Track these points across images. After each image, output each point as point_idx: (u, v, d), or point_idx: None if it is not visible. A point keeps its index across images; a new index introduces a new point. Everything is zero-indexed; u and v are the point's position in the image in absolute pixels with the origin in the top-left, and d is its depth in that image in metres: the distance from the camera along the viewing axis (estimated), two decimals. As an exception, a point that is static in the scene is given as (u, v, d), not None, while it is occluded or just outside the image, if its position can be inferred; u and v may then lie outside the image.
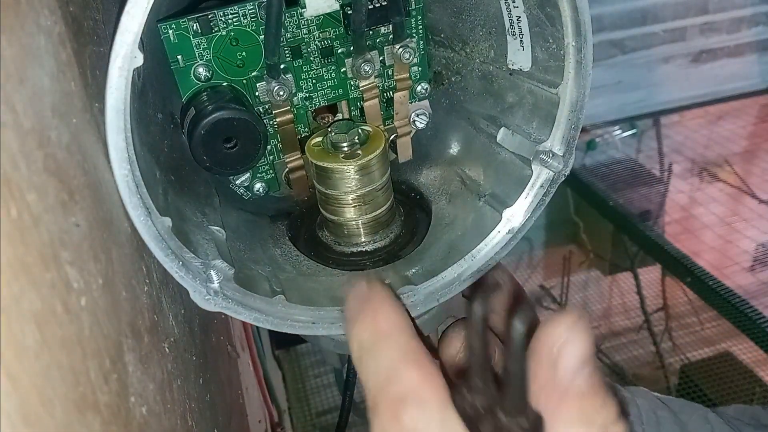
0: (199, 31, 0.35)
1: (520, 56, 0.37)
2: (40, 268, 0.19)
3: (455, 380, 0.25)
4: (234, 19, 0.36)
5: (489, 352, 0.24)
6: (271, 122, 0.39)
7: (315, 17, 0.37)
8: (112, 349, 0.23)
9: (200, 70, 0.36)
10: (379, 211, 0.39)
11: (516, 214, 0.37)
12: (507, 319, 0.24)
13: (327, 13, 0.38)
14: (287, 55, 0.38)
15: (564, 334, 0.22)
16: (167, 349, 0.31)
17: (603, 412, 0.23)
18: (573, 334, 0.22)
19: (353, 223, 0.39)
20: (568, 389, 0.22)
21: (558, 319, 0.23)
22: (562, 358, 0.22)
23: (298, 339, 0.41)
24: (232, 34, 0.36)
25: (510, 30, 0.37)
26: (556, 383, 0.22)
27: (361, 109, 0.41)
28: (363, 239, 0.39)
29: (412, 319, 0.27)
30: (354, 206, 0.38)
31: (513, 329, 0.22)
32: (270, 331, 0.94)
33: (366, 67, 0.39)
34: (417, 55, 0.41)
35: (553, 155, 0.36)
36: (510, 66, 0.38)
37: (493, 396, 0.23)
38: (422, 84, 0.43)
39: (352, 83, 0.41)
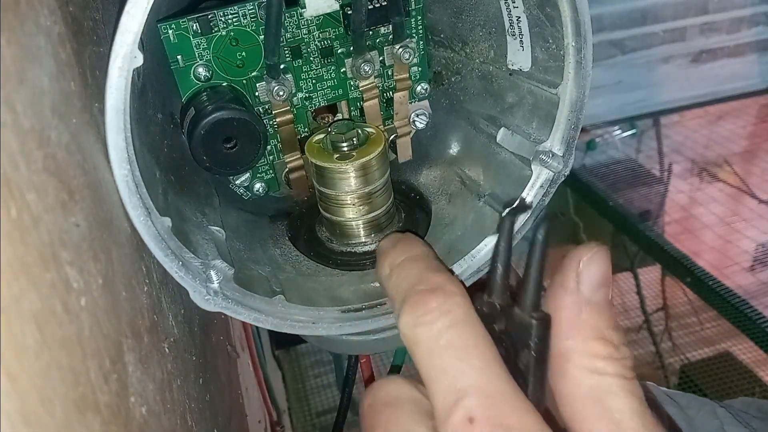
0: (199, 31, 0.35)
1: (519, 56, 0.37)
2: (40, 268, 0.19)
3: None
4: (234, 19, 0.36)
5: (510, 261, 0.26)
6: (271, 122, 0.39)
7: (315, 17, 0.37)
8: (112, 349, 0.23)
9: (200, 70, 0.36)
10: (379, 211, 0.39)
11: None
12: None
13: (327, 13, 0.38)
14: (287, 55, 0.38)
15: (589, 253, 0.25)
16: (167, 349, 0.31)
17: (615, 333, 0.24)
18: (597, 254, 0.25)
19: (353, 223, 0.39)
20: (588, 302, 0.25)
21: (584, 245, 0.26)
22: (585, 271, 0.25)
23: (298, 339, 0.41)
24: (232, 34, 0.36)
25: (510, 30, 0.37)
26: (578, 296, 0.25)
27: (361, 109, 0.41)
28: (363, 239, 0.39)
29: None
30: (354, 206, 0.38)
31: (536, 233, 0.24)
32: (270, 331, 0.95)
33: (366, 67, 0.39)
34: (417, 55, 0.41)
35: (552, 155, 0.36)
36: (510, 66, 0.38)
37: (509, 298, 0.25)
38: (422, 84, 0.43)
39: (351, 83, 0.41)
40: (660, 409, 0.42)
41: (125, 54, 0.25)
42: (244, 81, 0.38)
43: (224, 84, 0.37)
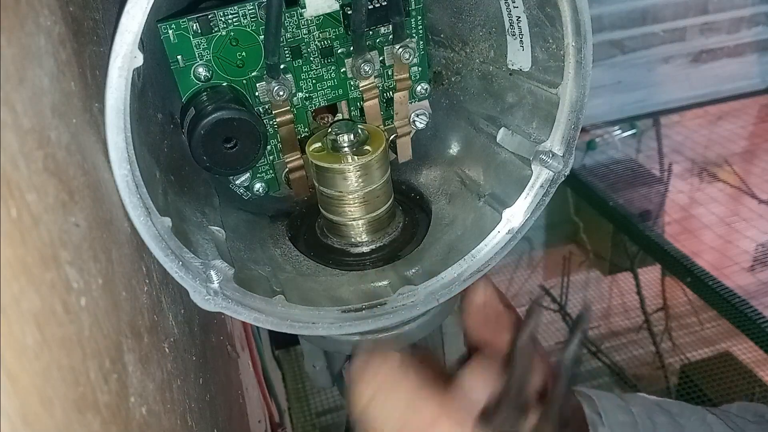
0: (199, 31, 0.35)
1: (520, 56, 0.37)
2: (40, 268, 0.19)
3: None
4: (234, 19, 0.36)
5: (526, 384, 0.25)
6: (271, 122, 0.39)
7: (315, 17, 0.37)
8: (112, 349, 0.23)
9: (200, 70, 0.36)
10: (379, 211, 0.39)
11: (516, 215, 0.37)
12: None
13: (327, 13, 0.38)
14: (287, 55, 0.38)
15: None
16: (167, 349, 0.31)
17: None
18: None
19: (353, 223, 0.39)
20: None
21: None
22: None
23: (298, 339, 0.41)
24: (232, 34, 0.36)
25: (510, 30, 0.37)
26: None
27: (361, 109, 0.41)
28: (363, 239, 0.39)
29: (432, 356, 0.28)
30: (354, 206, 0.38)
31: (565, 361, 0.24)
32: (270, 331, 0.94)
33: (366, 67, 0.39)
34: (417, 55, 0.41)
35: (552, 155, 0.36)
36: (510, 66, 0.38)
37: (520, 422, 0.24)
38: (422, 84, 0.43)
39: (351, 83, 0.41)
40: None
41: (125, 54, 0.25)
42: (244, 81, 0.37)
43: (224, 84, 0.37)
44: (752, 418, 0.45)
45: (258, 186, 0.42)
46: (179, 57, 0.35)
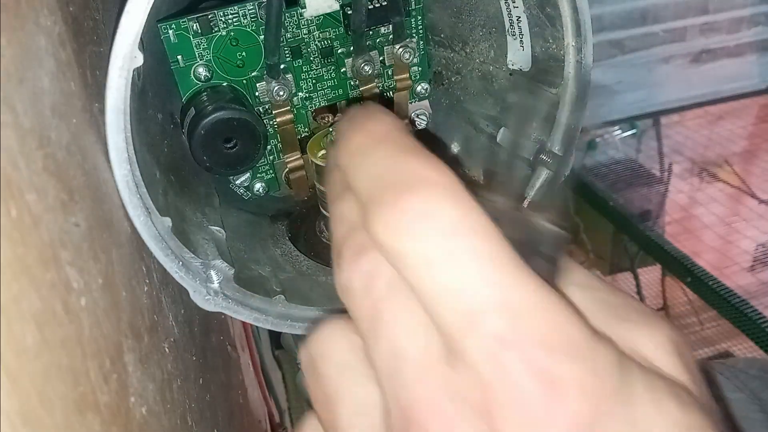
0: (199, 31, 0.35)
1: (520, 56, 0.37)
2: (40, 268, 0.19)
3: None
4: (234, 19, 0.36)
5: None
6: (271, 122, 0.39)
7: (315, 17, 0.37)
8: (112, 349, 0.23)
9: (200, 70, 0.36)
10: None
11: (516, 214, 0.37)
12: None
13: (327, 13, 0.38)
14: (287, 55, 0.38)
15: None
16: (167, 350, 0.31)
17: None
18: None
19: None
20: None
21: None
22: None
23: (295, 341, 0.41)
24: (232, 34, 0.36)
25: (510, 30, 0.37)
26: None
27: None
28: (363, 239, 0.39)
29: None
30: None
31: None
32: (270, 331, 0.94)
33: (366, 68, 0.39)
34: (417, 55, 0.41)
35: (553, 155, 0.36)
36: (510, 66, 0.38)
37: (516, 198, 0.21)
38: (422, 84, 0.43)
39: (351, 83, 0.41)
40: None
41: (125, 54, 0.25)
42: (244, 81, 0.37)
43: (224, 84, 0.37)
44: (756, 373, 0.45)
45: (258, 186, 0.42)
46: (179, 57, 0.35)
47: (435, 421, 0.18)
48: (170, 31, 0.34)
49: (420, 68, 0.42)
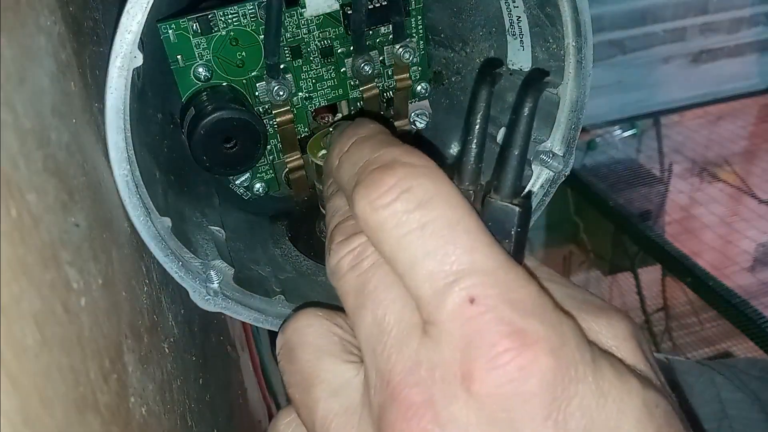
0: (199, 31, 0.35)
1: (520, 56, 0.37)
2: (40, 268, 0.19)
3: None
4: (234, 19, 0.35)
5: (485, 140, 0.23)
6: (271, 122, 0.39)
7: (315, 17, 0.37)
8: (112, 349, 0.23)
9: (200, 70, 0.36)
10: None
11: (516, 214, 0.37)
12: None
13: (327, 13, 0.38)
14: (287, 55, 0.38)
15: None
16: (167, 350, 0.31)
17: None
18: None
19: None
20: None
21: None
22: None
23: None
24: (232, 34, 0.36)
25: (510, 30, 0.37)
26: None
27: (361, 109, 0.41)
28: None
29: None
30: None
31: (524, 102, 0.21)
32: (270, 331, 0.94)
33: (366, 67, 0.39)
34: (417, 55, 0.41)
35: (553, 155, 0.36)
36: (510, 66, 0.38)
37: (483, 183, 0.23)
38: (422, 84, 0.43)
39: (351, 83, 0.41)
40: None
41: (125, 54, 0.25)
42: (244, 81, 0.37)
43: (224, 84, 0.37)
44: (757, 374, 0.45)
45: (258, 186, 0.42)
46: (179, 57, 0.35)
47: (414, 392, 0.19)
48: (170, 31, 0.34)
49: (420, 68, 0.42)
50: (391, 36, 0.40)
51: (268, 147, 0.40)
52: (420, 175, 0.21)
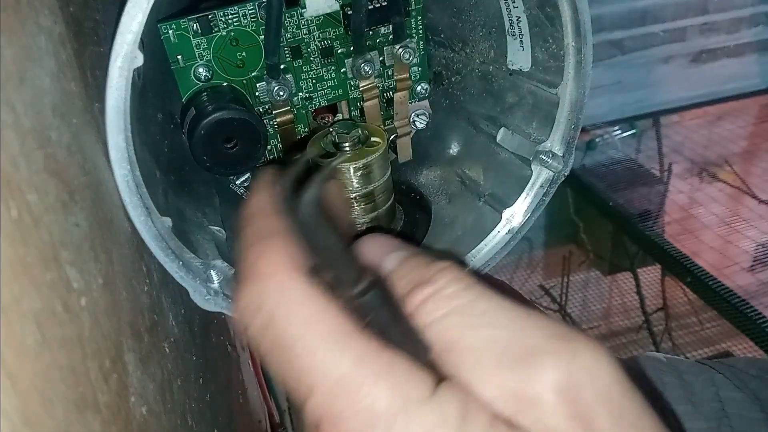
0: (199, 32, 0.35)
1: (520, 56, 0.37)
2: (40, 268, 0.19)
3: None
4: (234, 20, 0.36)
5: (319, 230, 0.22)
6: (271, 122, 0.39)
7: (315, 17, 0.37)
8: (112, 349, 0.23)
9: (200, 70, 0.36)
10: (379, 211, 0.39)
11: (516, 215, 0.37)
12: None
13: (327, 14, 0.38)
14: (287, 56, 0.38)
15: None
16: (167, 349, 0.31)
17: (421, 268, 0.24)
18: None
19: (354, 222, 0.39)
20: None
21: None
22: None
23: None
24: (232, 34, 0.36)
25: (510, 30, 0.37)
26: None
27: (361, 110, 0.41)
28: (363, 239, 0.39)
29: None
30: (354, 206, 0.38)
31: (301, 208, 0.21)
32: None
33: (366, 68, 0.39)
34: (417, 55, 0.41)
35: (552, 155, 0.36)
36: (510, 66, 0.38)
37: (332, 273, 0.22)
38: (422, 84, 0.43)
39: (352, 83, 0.41)
40: (641, 379, 0.41)
41: (125, 54, 0.25)
42: (245, 81, 0.38)
43: (224, 84, 0.37)
44: (757, 373, 0.45)
45: (258, 186, 0.42)
46: (179, 57, 0.35)
47: None
48: (170, 31, 0.34)
49: (420, 68, 0.42)
50: (391, 36, 0.40)
51: (269, 147, 0.40)
52: (267, 290, 0.22)
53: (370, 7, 0.37)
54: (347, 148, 0.37)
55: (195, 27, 0.35)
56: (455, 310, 0.22)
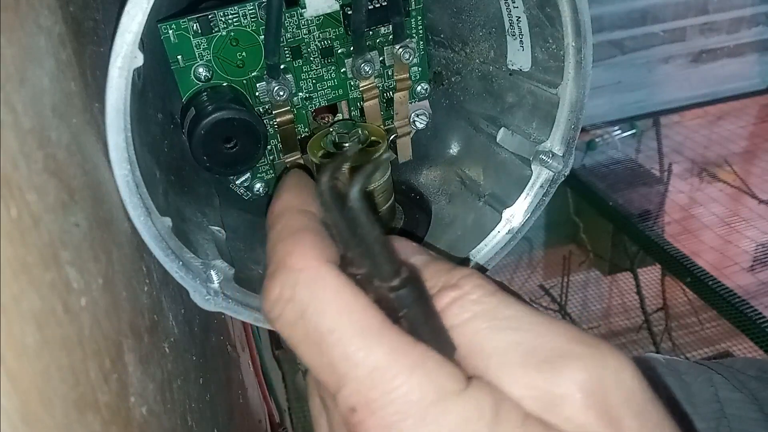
0: (199, 32, 0.35)
1: (520, 56, 0.37)
2: (40, 268, 0.19)
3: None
4: (234, 20, 0.36)
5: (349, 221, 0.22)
6: (271, 122, 0.39)
7: (315, 17, 0.37)
8: (112, 349, 0.23)
9: (200, 70, 0.36)
10: (379, 211, 0.39)
11: (516, 215, 0.37)
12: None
13: (327, 14, 0.38)
14: (287, 56, 0.38)
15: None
16: (167, 349, 0.31)
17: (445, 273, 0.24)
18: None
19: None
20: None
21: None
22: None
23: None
24: (232, 34, 0.36)
25: (510, 30, 0.37)
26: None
27: (361, 109, 0.41)
28: (363, 239, 0.39)
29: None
30: (354, 206, 0.38)
31: (349, 198, 0.21)
32: (270, 331, 0.94)
33: (366, 68, 0.39)
34: (417, 55, 0.41)
35: (552, 155, 0.36)
36: (510, 66, 0.38)
37: (367, 266, 0.22)
38: (422, 84, 0.43)
39: (352, 83, 0.41)
40: (658, 385, 0.41)
41: (125, 54, 0.25)
42: (244, 81, 0.38)
43: (224, 84, 0.37)
44: (755, 374, 0.45)
45: (258, 186, 0.42)
46: (179, 57, 0.35)
47: None
48: (170, 31, 0.34)
49: (420, 68, 0.42)
50: (391, 36, 0.40)
51: (269, 147, 0.40)
52: (298, 282, 0.22)
53: (370, 7, 0.37)
54: (347, 149, 0.37)
55: (195, 27, 0.35)
56: (480, 314, 0.22)
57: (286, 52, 0.38)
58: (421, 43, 0.41)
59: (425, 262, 0.25)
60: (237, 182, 0.41)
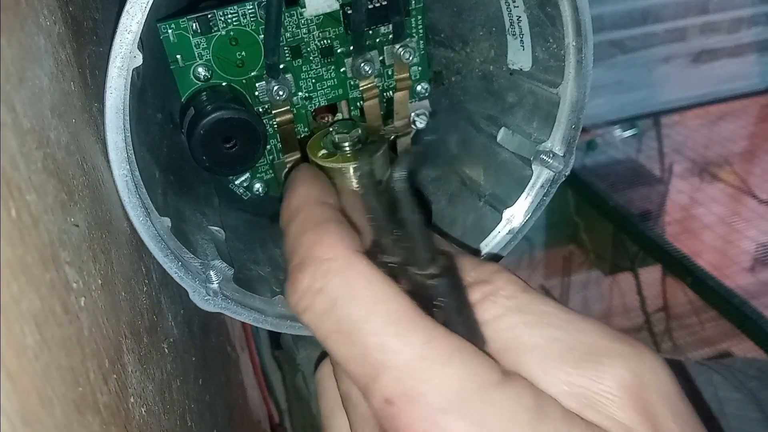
0: (199, 31, 0.35)
1: (520, 56, 0.37)
2: (39, 268, 0.19)
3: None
4: (234, 19, 0.35)
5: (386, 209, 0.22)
6: (270, 122, 0.39)
7: (315, 17, 0.37)
8: (112, 350, 0.23)
9: (200, 70, 0.36)
10: (379, 211, 0.39)
11: (516, 215, 0.37)
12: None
13: (327, 13, 0.38)
14: (287, 55, 0.38)
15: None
16: (166, 350, 0.31)
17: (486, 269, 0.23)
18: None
19: (353, 223, 0.39)
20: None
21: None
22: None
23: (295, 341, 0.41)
24: (231, 34, 0.36)
25: (510, 30, 0.37)
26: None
27: (361, 109, 0.41)
28: (363, 239, 0.39)
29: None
30: (354, 206, 0.38)
31: (394, 181, 0.21)
32: (270, 332, 0.94)
33: (366, 67, 0.39)
34: (417, 54, 0.41)
35: (553, 155, 0.36)
36: (510, 66, 0.38)
37: (403, 253, 0.22)
38: (422, 84, 0.43)
39: (351, 83, 0.40)
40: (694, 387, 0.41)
41: (125, 54, 0.25)
42: (244, 81, 0.37)
43: (224, 84, 0.37)
44: (755, 373, 0.45)
45: (258, 186, 0.42)
46: (179, 57, 0.35)
47: None
48: (170, 31, 0.34)
49: (420, 68, 0.42)
50: (391, 36, 0.40)
51: (268, 147, 0.40)
52: (329, 272, 0.22)
53: (370, 7, 0.37)
54: (347, 148, 0.37)
55: (194, 27, 0.35)
56: (513, 309, 0.22)
57: (286, 51, 0.38)
58: (421, 42, 0.41)
59: (453, 255, 0.25)
60: (236, 182, 0.41)
